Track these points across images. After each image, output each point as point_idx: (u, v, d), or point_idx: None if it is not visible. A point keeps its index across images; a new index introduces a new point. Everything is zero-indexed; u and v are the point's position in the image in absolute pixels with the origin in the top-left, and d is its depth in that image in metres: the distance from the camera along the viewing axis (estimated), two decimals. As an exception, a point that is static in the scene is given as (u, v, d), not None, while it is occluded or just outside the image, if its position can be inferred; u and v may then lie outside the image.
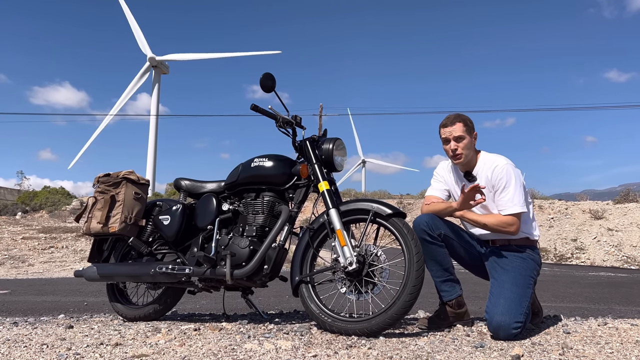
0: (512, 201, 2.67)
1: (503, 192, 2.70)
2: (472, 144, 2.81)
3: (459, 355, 2.13)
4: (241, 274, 2.78)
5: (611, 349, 2.27)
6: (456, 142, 2.78)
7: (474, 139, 2.82)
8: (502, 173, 2.70)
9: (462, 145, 2.77)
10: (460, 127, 2.78)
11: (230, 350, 2.20)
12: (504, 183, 2.69)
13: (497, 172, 2.72)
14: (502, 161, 2.75)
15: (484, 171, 2.78)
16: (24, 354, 2.17)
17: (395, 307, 2.46)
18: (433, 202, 2.88)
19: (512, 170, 2.72)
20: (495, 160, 2.76)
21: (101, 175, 3.30)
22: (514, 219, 2.68)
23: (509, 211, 2.68)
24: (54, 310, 4.34)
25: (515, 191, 2.68)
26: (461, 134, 2.77)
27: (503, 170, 2.71)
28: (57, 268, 10.39)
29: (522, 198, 2.69)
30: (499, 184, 2.71)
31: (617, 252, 11.87)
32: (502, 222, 2.69)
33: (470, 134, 2.80)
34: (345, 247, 2.61)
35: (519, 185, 2.70)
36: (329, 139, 2.94)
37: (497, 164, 2.74)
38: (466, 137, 2.78)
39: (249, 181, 3.02)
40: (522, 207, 2.69)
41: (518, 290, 2.60)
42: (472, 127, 2.82)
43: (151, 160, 30.72)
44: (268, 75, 2.84)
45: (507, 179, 2.69)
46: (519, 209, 2.68)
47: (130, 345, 2.34)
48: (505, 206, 2.69)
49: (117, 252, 3.40)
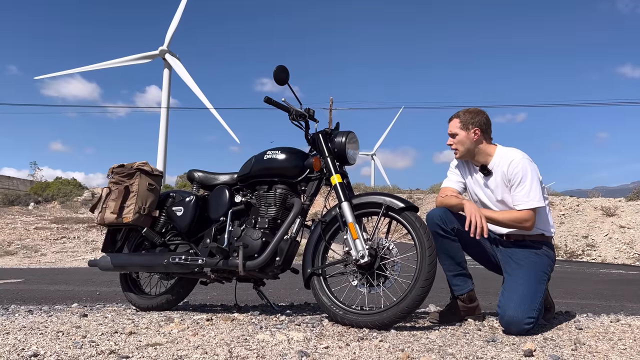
0: (528, 196, 2.65)
1: (519, 186, 2.68)
2: (469, 138, 2.79)
3: (471, 349, 2.14)
4: (253, 265, 2.80)
5: (624, 345, 2.26)
6: (451, 138, 2.85)
7: (474, 134, 2.78)
8: (517, 167, 2.69)
9: (456, 141, 2.83)
10: (454, 124, 2.84)
11: (242, 341, 2.22)
12: (520, 178, 2.68)
13: (512, 167, 2.70)
14: (518, 155, 2.73)
15: (499, 166, 2.76)
16: (40, 340, 2.20)
17: (407, 300, 2.46)
18: (447, 195, 2.87)
19: (528, 164, 2.70)
20: (511, 155, 2.75)
21: (115, 166, 3.34)
22: (530, 214, 2.66)
23: (524, 206, 2.66)
24: (67, 299, 4.40)
25: (531, 186, 2.66)
26: (455, 130, 2.83)
27: (519, 164, 2.69)
28: (69, 258, 10.51)
29: (538, 193, 2.66)
30: (514, 178, 2.69)
31: (628, 249, 11.78)
32: (517, 217, 2.67)
33: (466, 129, 2.79)
34: (357, 240, 2.62)
35: (535, 180, 2.68)
36: (341, 132, 2.94)
37: (513, 159, 2.72)
38: (459, 133, 2.81)
39: (262, 173, 3.03)
40: (539, 201, 2.66)
41: (531, 286, 2.59)
42: (467, 122, 2.79)
43: (162, 153, 30.84)
44: (281, 67, 2.84)
45: (523, 173, 2.67)
46: (535, 204, 2.65)
47: (144, 334, 2.36)
48: (520, 201, 2.67)
49: (131, 243, 3.44)
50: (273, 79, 2.81)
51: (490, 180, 2.80)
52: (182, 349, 2.05)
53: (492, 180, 2.79)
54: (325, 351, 2.05)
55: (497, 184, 2.77)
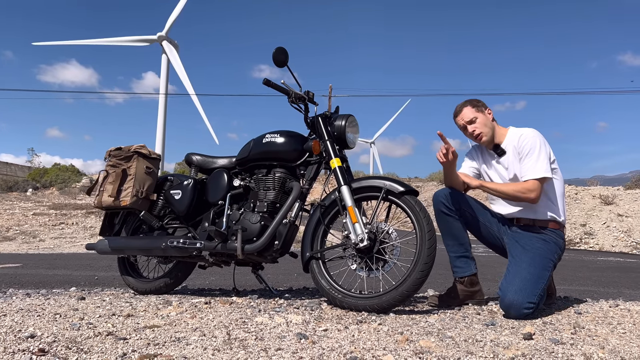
0: (535, 166, 2.63)
1: (526, 157, 2.67)
2: (489, 120, 2.80)
3: (470, 332, 2.13)
4: (252, 249, 2.79)
5: (623, 329, 2.26)
6: (471, 125, 2.79)
7: (489, 115, 2.81)
8: (527, 139, 2.69)
9: (478, 125, 2.78)
10: (469, 110, 2.80)
11: (241, 323, 2.21)
12: (528, 149, 2.67)
13: (522, 139, 2.70)
14: (529, 131, 2.73)
15: (511, 142, 2.76)
16: (38, 322, 2.19)
17: (406, 284, 2.45)
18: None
19: (538, 138, 2.69)
20: (523, 131, 2.76)
21: (112, 149, 3.30)
22: (535, 184, 2.63)
23: (529, 176, 2.64)
24: (65, 284, 4.39)
25: (538, 157, 2.64)
26: (472, 116, 2.79)
27: (528, 136, 2.69)
28: (67, 244, 10.51)
29: (545, 164, 2.64)
30: (523, 150, 2.69)
31: (626, 237, 11.81)
32: (522, 187, 2.65)
33: (482, 111, 2.79)
34: (356, 224, 2.60)
35: (543, 153, 2.65)
36: (341, 115, 2.91)
37: (523, 133, 2.73)
38: (478, 116, 2.77)
39: (261, 157, 3.00)
40: (545, 172, 2.63)
41: (535, 271, 2.57)
42: (481, 105, 2.83)
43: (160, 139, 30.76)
44: (281, 49, 2.80)
45: (532, 145, 2.66)
46: (541, 174, 2.62)
47: (142, 317, 2.35)
48: (527, 172, 2.66)
49: (129, 226, 3.42)
50: (272, 61, 2.78)
51: (503, 159, 2.79)
52: (180, 331, 2.04)
53: (505, 158, 2.78)
54: (324, 334, 2.04)
55: (510, 161, 2.76)
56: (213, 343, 1.86)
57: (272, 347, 1.82)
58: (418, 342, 1.92)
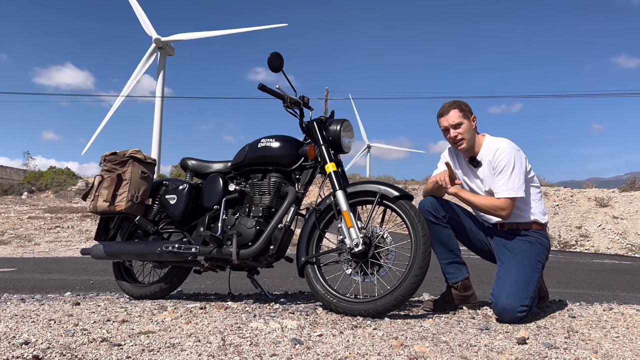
0: (507, 185, 2.66)
1: (500, 174, 2.69)
2: (472, 127, 2.79)
3: (464, 337, 2.14)
4: (247, 253, 2.79)
5: (617, 334, 2.27)
6: (455, 129, 2.77)
7: (473, 122, 2.80)
8: (502, 155, 2.69)
9: (462, 130, 2.77)
10: (456, 114, 2.77)
11: (236, 329, 2.21)
12: (503, 166, 2.68)
13: (497, 155, 2.71)
14: (504, 144, 2.73)
15: (486, 155, 2.76)
16: (32, 328, 2.18)
17: (401, 288, 2.46)
18: (429, 182, 2.88)
19: (513, 153, 2.69)
20: (498, 144, 2.75)
21: (108, 154, 3.30)
22: (507, 202, 2.66)
23: (502, 195, 2.67)
24: (60, 288, 4.37)
25: (511, 175, 2.66)
26: (458, 120, 2.76)
27: (504, 152, 2.70)
28: (62, 247, 10.47)
29: (518, 183, 2.66)
30: (498, 166, 2.70)
31: (621, 240, 11.85)
32: (494, 205, 2.68)
33: (468, 118, 2.78)
34: (351, 228, 2.61)
35: (517, 170, 2.67)
36: (336, 120, 2.92)
37: (499, 147, 2.73)
38: (464, 122, 2.76)
39: (256, 162, 3.01)
40: (517, 192, 2.66)
41: (525, 274, 2.59)
42: (468, 111, 2.80)
43: (156, 142, 30.75)
44: (276, 54, 2.81)
45: (507, 162, 2.67)
46: (512, 194, 2.66)
47: (137, 322, 2.35)
48: (499, 189, 2.69)
49: (124, 231, 3.41)
50: (267, 66, 2.78)
51: (479, 171, 2.80)
52: (175, 337, 2.04)
53: (481, 170, 2.79)
54: (319, 339, 2.05)
55: (485, 174, 2.78)
56: (208, 349, 1.86)
57: (266, 352, 1.83)
58: (412, 347, 1.93)
